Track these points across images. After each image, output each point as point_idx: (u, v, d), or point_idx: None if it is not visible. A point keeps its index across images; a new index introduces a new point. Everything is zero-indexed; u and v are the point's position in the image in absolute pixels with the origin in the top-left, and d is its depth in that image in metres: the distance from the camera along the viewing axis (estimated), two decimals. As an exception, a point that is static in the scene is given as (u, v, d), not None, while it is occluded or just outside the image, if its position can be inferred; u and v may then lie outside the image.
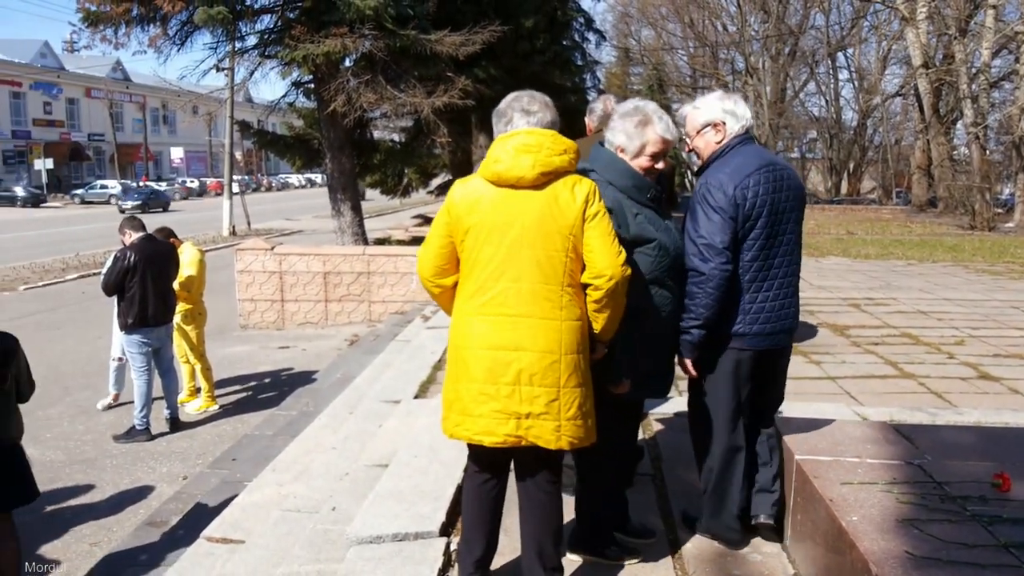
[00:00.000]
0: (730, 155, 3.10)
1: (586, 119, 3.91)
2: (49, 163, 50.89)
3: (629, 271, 2.64)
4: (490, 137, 2.85)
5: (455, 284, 2.77)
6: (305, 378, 8.47)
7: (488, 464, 2.80)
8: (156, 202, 42.63)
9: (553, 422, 2.60)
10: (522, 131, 2.67)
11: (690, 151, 3.29)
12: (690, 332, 3.00)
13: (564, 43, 21.06)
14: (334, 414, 5.99)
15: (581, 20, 24.20)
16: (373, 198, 28.39)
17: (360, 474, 4.40)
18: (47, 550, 4.77)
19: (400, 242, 19.77)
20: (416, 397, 5.86)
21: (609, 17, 51.21)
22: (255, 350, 10.19)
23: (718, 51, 48.34)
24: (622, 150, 2.96)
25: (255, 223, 29.26)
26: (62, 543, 4.90)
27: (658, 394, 3.16)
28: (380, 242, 18.69)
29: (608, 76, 47.98)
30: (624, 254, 2.64)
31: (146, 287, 6.50)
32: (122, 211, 36.85)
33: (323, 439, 5.39)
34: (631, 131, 2.94)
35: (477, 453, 2.79)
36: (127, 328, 6.61)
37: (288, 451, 5.32)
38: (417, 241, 19.45)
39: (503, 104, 2.80)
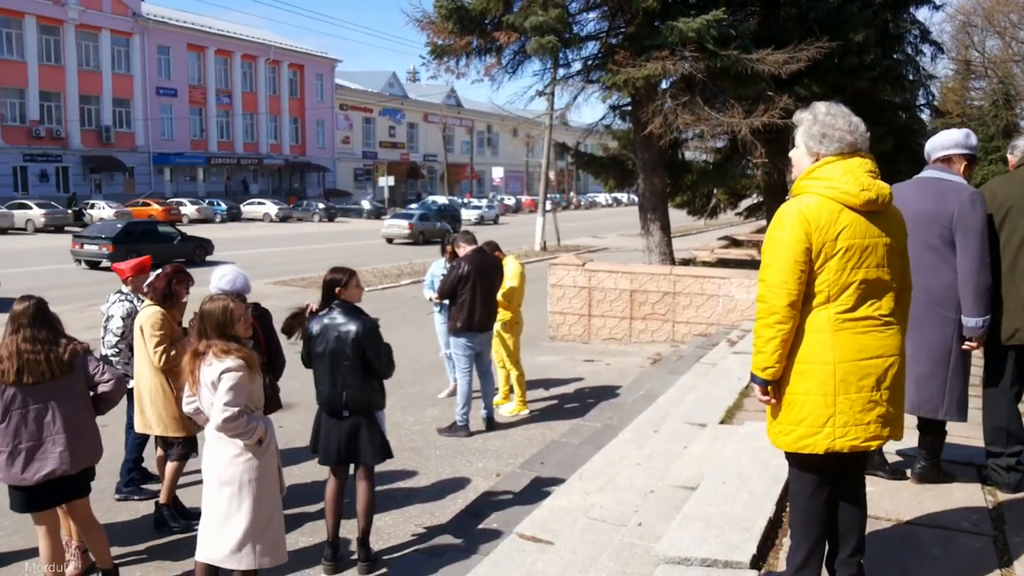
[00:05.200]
0: None
1: (1008, 155, 3.93)
2: (391, 180, 57.47)
3: None
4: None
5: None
6: (609, 392, 8.68)
7: (830, 474, 2.87)
8: None
9: (902, 415, 2.85)
10: (858, 158, 2.78)
11: None
12: None
13: (895, 57, 19.37)
14: (638, 430, 6.07)
15: (916, 32, 22.19)
16: (677, 218, 28.21)
17: (666, 493, 4.41)
18: (381, 525, 5.33)
19: (705, 263, 19.51)
20: (722, 423, 5.74)
21: (947, 28, 45.91)
22: (562, 361, 10.63)
23: (1081, 61, 41.74)
24: None
25: (564, 239, 30.57)
26: (392, 520, 5.47)
27: None
28: (685, 263, 18.59)
29: (944, 92, 43.35)
30: None
31: (475, 295, 7.07)
32: None
33: (628, 453, 5.48)
34: None
35: (823, 466, 2.82)
36: (455, 331, 7.24)
37: (594, 461, 5.48)
38: (723, 263, 19.07)
39: (828, 120, 2.80)
